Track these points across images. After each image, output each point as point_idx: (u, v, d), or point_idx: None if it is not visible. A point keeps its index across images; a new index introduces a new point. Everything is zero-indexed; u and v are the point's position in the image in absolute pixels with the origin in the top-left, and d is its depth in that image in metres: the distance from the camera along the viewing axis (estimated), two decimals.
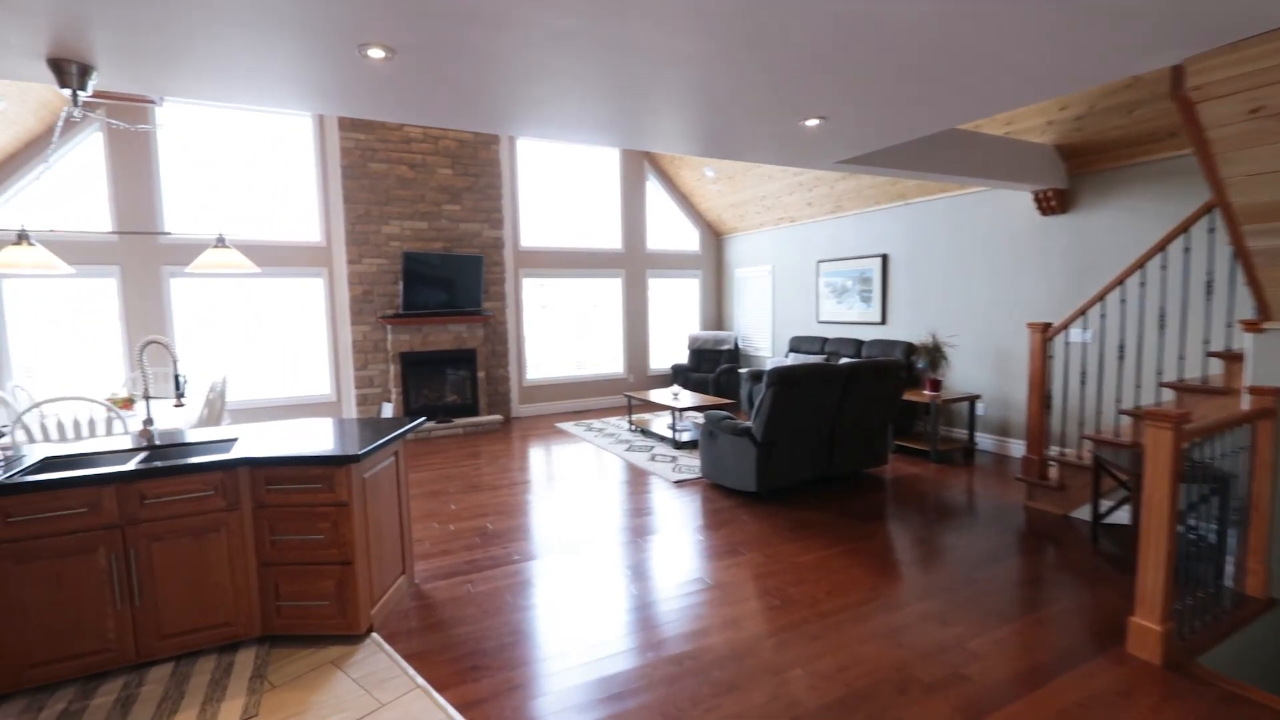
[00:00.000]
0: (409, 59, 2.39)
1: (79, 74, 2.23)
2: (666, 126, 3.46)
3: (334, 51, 2.27)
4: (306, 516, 2.71)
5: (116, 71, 2.32)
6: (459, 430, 7.08)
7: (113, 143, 5.92)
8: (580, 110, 3.11)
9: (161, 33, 2.06)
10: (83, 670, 2.46)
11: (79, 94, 2.24)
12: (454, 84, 2.69)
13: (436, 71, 2.54)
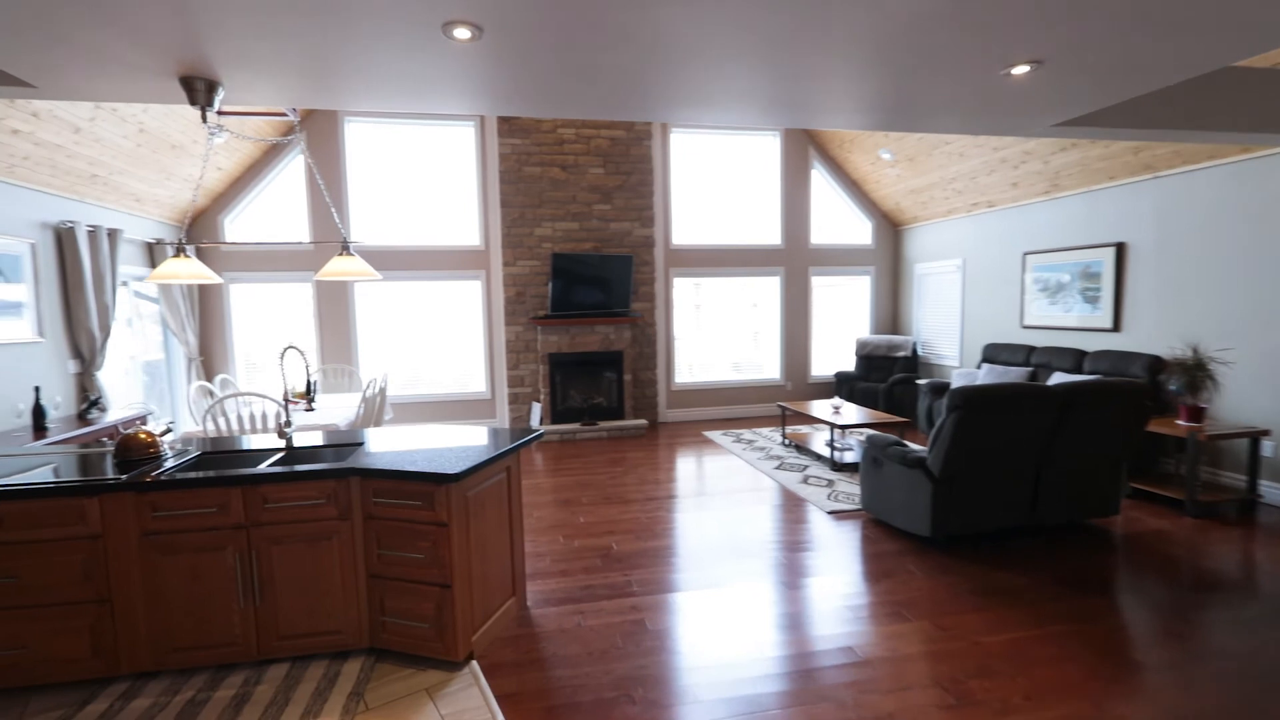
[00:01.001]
0: (566, 56, 2.14)
1: (206, 90, 2.27)
2: (836, 93, 2.84)
3: (498, 49, 2.06)
4: (408, 533, 2.59)
5: (238, 85, 2.34)
6: (603, 434, 6.97)
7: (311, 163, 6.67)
8: (740, 85, 2.64)
9: (268, 42, 2.00)
10: (215, 660, 2.56)
11: (207, 109, 2.29)
12: (604, 71, 2.38)
13: (589, 60, 2.25)
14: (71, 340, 4.61)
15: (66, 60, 2.08)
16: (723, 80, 2.55)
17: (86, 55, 2.05)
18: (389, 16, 1.84)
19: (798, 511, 4.48)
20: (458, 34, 1.97)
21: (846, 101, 2.93)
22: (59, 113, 3.91)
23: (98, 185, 4.78)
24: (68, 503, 2.39)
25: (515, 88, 2.50)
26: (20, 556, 2.37)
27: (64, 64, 2.11)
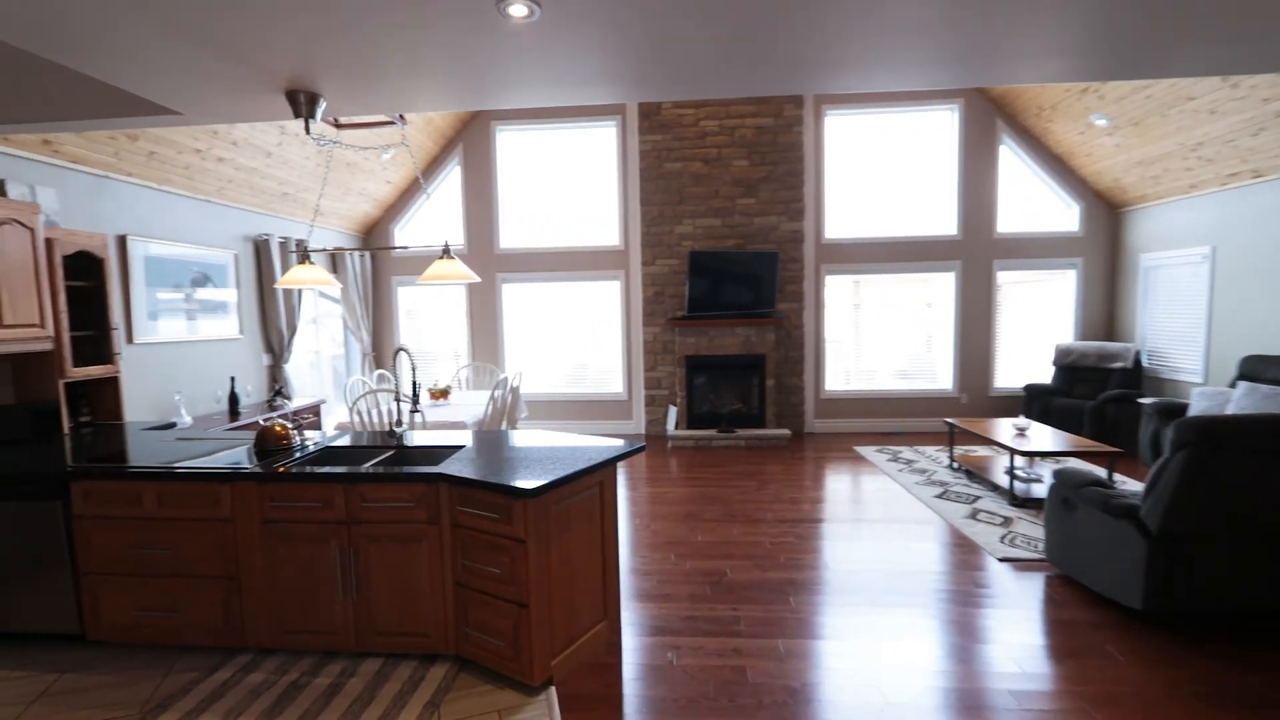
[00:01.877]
0: (713, 26, 1.90)
1: (308, 102, 2.35)
2: (1042, 29, 2.21)
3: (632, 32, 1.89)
4: (488, 546, 2.49)
5: (338, 96, 2.40)
6: (740, 442, 6.55)
7: (466, 173, 7.12)
8: (915, 32, 2.15)
9: (359, 58, 1.99)
10: (320, 646, 2.68)
11: (310, 121, 2.37)
12: (755, 38, 2.08)
13: (736, 27, 1.98)
14: (265, 336, 5.35)
15: (202, 89, 2.28)
16: (894, 31, 2.06)
17: (214, 83, 2.22)
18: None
19: (961, 554, 3.73)
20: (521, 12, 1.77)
21: (1054, 40, 2.24)
22: (253, 140, 4.51)
23: (288, 202, 5.50)
24: (206, 488, 2.64)
25: (654, 68, 2.21)
26: (173, 531, 2.67)
27: (200, 93, 2.31)
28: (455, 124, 6.77)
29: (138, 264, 4.07)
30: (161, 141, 3.96)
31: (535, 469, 2.59)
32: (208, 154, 4.31)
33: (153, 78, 2.19)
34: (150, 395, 4.13)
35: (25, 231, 3.10)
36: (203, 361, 4.62)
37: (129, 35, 1.87)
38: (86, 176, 3.74)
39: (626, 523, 4.35)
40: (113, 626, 2.73)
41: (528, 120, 7.03)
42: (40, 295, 3.17)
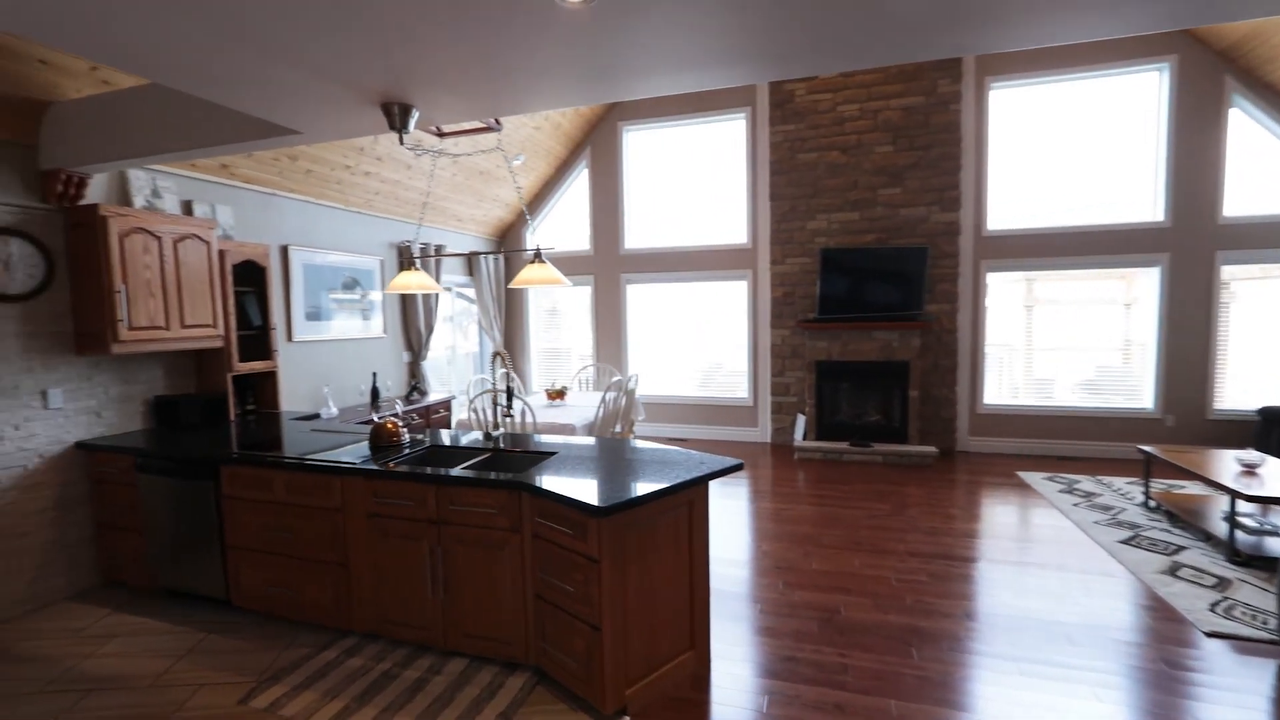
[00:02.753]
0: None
1: (401, 113, 2.41)
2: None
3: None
4: (564, 561, 2.39)
5: (428, 105, 2.43)
6: (876, 458, 5.93)
7: (593, 175, 7.20)
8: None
9: (444, 67, 2.00)
10: (415, 638, 2.77)
11: (404, 131, 2.43)
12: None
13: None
14: (405, 335, 5.81)
15: (312, 110, 2.45)
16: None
17: (322, 104, 2.38)
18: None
19: (1154, 620, 2.99)
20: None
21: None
22: (395, 154, 4.89)
23: (428, 210, 5.91)
24: (322, 479, 2.84)
25: (798, 36, 1.96)
26: (295, 516, 2.90)
27: (311, 113, 2.48)
28: (583, 127, 6.87)
29: (297, 270, 4.58)
30: (317, 160, 4.42)
31: (620, 483, 2.45)
32: (356, 169, 4.75)
33: (273, 103, 2.38)
34: (304, 388, 4.65)
35: (203, 245, 3.59)
36: (350, 358, 5.12)
37: (252, 70, 2.07)
38: (256, 194, 4.28)
39: (734, 540, 4.08)
40: (250, 595, 3.04)
41: (655, 118, 6.95)
42: (214, 299, 3.64)
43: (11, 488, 3.05)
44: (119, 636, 2.91)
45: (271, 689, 2.53)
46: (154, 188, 3.56)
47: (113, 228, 3.14)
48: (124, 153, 2.92)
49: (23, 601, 3.09)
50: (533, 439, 3.30)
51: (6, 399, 3.03)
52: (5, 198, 3.00)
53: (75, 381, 3.29)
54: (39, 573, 3.15)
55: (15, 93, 2.88)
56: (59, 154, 3.05)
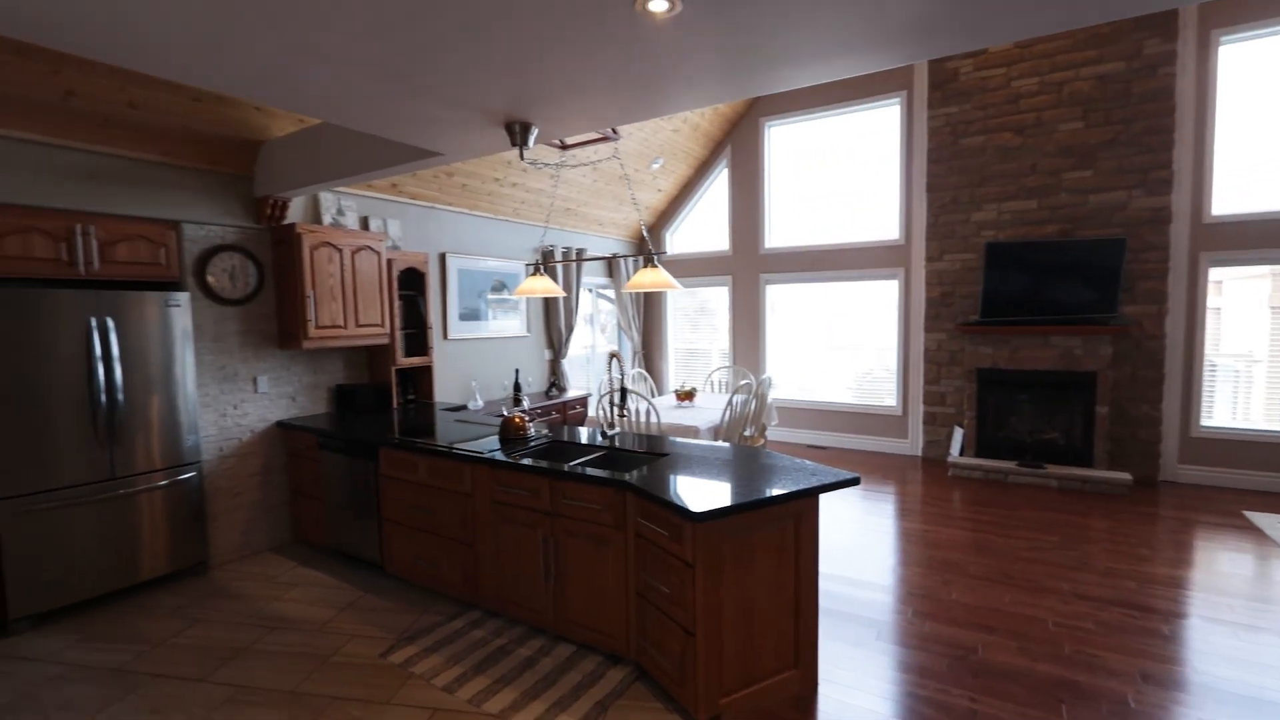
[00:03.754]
0: None
1: (522, 131, 2.57)
2: None
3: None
4: (662, 563, 2.40)
5: (546, 121, 2.57)
6: (1050, 482, 5.16)
7: (733, 173, 7.08)
8: None
9: (557, 86, 2.14)
10: (530, 619, 2.95)
11: (524, 147, 2.59)
12: None
13: None
14: (547, 334, 6.19)
15: (448, 133, 2.71)
16: None
17: (455, 127, 2.63)
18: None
19: None
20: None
21: None
22: (540, 165, 5.23)
23: (571, 216, 6.24)
24: (455, 465, 3.13)
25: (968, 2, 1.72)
26: (434, 498, 3.23)
27: (449, 136, 2.75)
28: (723, 126, 6.81)
29: (453, 275, 5.10)
30: (471, 175, 4.87)
31: (724, 490, 2.40)
32: (504, 181, 5.16)
33: (418, 131, 2.69)
34: (456, 381, 5.15)
35: (375, 255, 4.13)
36: (496, 355, 5.58)
37: (403, 107, 2.37)
38: (419, 209, 4.83)
39: (863, 559, 3.79)
40: (398, 564, 3.44)
41: (799, 111, 6.67)
42: (382, 302, 4.18)
43: (231, 455, 3.76)
44: (300, 586, 3.46)
45: (406, 648, 2.84)
46: (339, 207, 4.17)
47: (305, 242, 3.74)
48: (312, 179, 3.46)
49: (238, 549, 3.81)
50: (653, 440, 3.35)
51: (230, 383, 3.74)
52: (232, 220, 3.71)
53: (277, 371, 3.97)
54: (248, 526, 3.85)
55: (238, 135, 3.54)
56: (268, 183, 3.70)
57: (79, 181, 3.12)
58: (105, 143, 3.18)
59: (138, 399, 3.28)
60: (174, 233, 3.47)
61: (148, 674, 2.65)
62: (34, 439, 2.97)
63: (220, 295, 3.65)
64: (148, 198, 3.36)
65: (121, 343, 3.21)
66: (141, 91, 3.07)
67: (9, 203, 2.93)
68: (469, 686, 2.56)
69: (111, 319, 3.18)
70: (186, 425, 3.48)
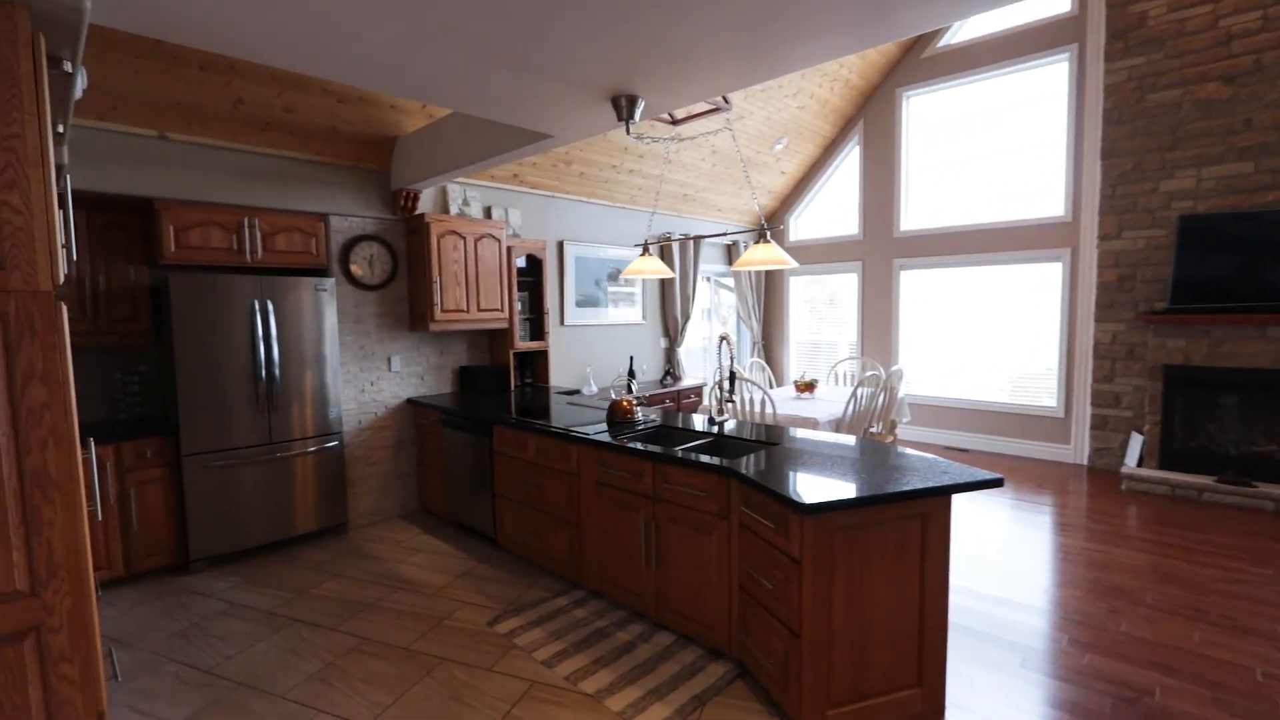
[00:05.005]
0: None
1: (628, 105, 2.50)
2: None
3: None
4: (766, 556, 2.23)
5: (653, 92, 2.48)
6: (1265, 504, 4.23)
7: (866, 151, 6.55)
8: None
9: (667, 54, 2.06)
10: (630, 604, 2.89)
11: (629, 121, 2.52)
12: None
13: None
14: (663, 322, 6.13)
15: (557, 113, 2.71)
16: None
17: (564, 106, 2.63)
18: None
19: None
20: None
21: None
22: (657, 150, 5.17)
23: (688, 202, 6.11)
24: (562, 445, 3.15)
25: None
26: (542, 475, 3.28)
27: (557, 116, 2.75)
28: (855, 100, 6.33)
29: (570, 262, 5.19)
30: (588, 164, 4.92)
31: (838, 483, 2.19)
32: (620, 168, 5.16)
33: (528, 112, 2.72)
34: (571, 366, 5.25)
35: (495, 242, 4.30)
36: (611, 341, 5.61)
37: (511, 86, 2.41)
38: (538, 197, 4.97)
39: (1011, 574, 3.32)
40: (509, 537, 3.54)
41: (942, 78, 6.03)
42: (501, 288, 4.34)
43: (368, 428, 4.10)
44: (422, 552, 3.69)
45: (512, 619, 2.90)
46: (464, 197, 4.39)
47: (433, 230, 3.97)
48: (438, 169, 3.65)
49: (372, 514, 4.14)
50: (767, 430, 3.16)
51: (368, 361, 4.08)
52: (371, 212, 4.03)
53: (408, 352, 4.26)
54: (381, 494, 4.18)
55: (376, 132, 3.83)
56: (402, 175, 3.97)
57: (245, 179, 3.54)
58: (266, 144, 3.57)
59: (292, 373, 3.67)
60: (323, 224, 3.83)
61: (290, 618, 2.94)
62: (213, 405, 3.41)
63: (360, 281, 3.98)
64: (301, 193, 3.73)
65: (279, 322, 3.60)
66: (296, 96, 3.40)
67: (193, 199, 3.38)
68: (567, 664, 2.55)
69: (271, 301, 3.57)
70: (331, 399, 3.83)
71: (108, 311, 3.35)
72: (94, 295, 3.32)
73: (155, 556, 3.33)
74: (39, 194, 1.43)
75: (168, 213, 3.30)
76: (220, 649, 2.69)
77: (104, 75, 2.92)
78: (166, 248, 3.30)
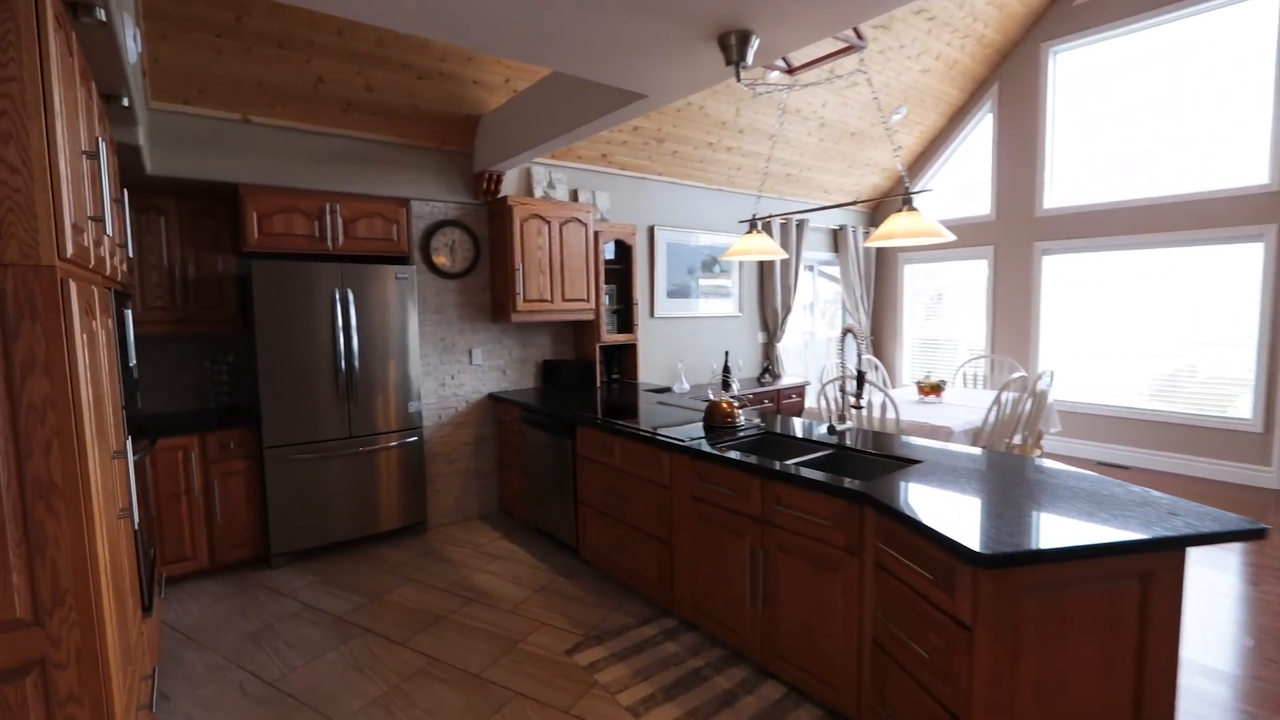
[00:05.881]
0: None
1: (739, 44, 2.05)
2: None
3: None
4: (916, 611, 1.72)
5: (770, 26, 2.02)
6: None
7: (1000, 119, 5.67)
8: None
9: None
10: (731, 642, 2.46)
11: (742, 65, 2.07)
12: None
13: None
14: (761, 315, 5.59)
15: (652, 63, 2.30)
16: None
17: (660, 53, 2.21)
18: None
19: None
20: None
21: None
22: (757, 124, 4.66)
23: (791, 183, 5.53)
24: (652, 452, 2.75)
25: None
26: (628, 483, 2.91)
27: (651, 68, 2.34)
28: (989, 59, 5.49)
29: (661, 249, 4.78)
30: (682, 141, 4.49)
31: (1018, 522, 1.65)
32: (718, 145, 4.69)
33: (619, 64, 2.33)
34: (661, 361, 4.84)
35: (582, 227, 3.97)
36: (705, 335, 5.16)
37: (592, 24, 2.01)
38: (629, 180, 4.59)
39: (1215, 640, 2.58)
40: (592, 550, 3.20)
41: (1099, 27, 5.09)
42: (588, 276, 4.00)
43: (448, 424, 3.89)
44: (500, 559, 3.42)
45: (594, 649, 2.54)
46: (549, 179, 4.09)
47: (516, 214, 3.69)
48: (521, 145, 3.36)
49: (451, 513, 3.94)
50: (893, 440, 2.62)
51: (449, 354, 3.87)
52: (453, 196, 3.81)
53: (490, 344, 4.02)
54: (461, 493, 3.97)
55: (459, 110, 3.59)
56: (484, 156, 3.71)
57: (327, 163, 3.39)
58: (348, 126, 3.41)
59: (372, 365, 3.51)
60: (404, 210, 3.65)
61: (361, 627, 2.73)
62: (294, 396, 3.30)
63: (441, 269, 3.77)
64: (383, 177, 3.56)
65: (359, 312, 3.44)
66: (376, 73, 3.21)
67: (276, 185, 3.27)
68: (657, 713, 2.16)
69: (351, 290, 3.41)
70: (412, 392, 3.65)
71: (197, 299, 3.31)
72: (184, 283, 3.28)
73: (238, 549, 3.26)
74: (39, 149, 1.19)
75: (251, 199, 3.20)
76: (287, 658, 2.52)
77: (187, 56, 2.82)
78: (250, 234, 3.20)
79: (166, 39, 2.73)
